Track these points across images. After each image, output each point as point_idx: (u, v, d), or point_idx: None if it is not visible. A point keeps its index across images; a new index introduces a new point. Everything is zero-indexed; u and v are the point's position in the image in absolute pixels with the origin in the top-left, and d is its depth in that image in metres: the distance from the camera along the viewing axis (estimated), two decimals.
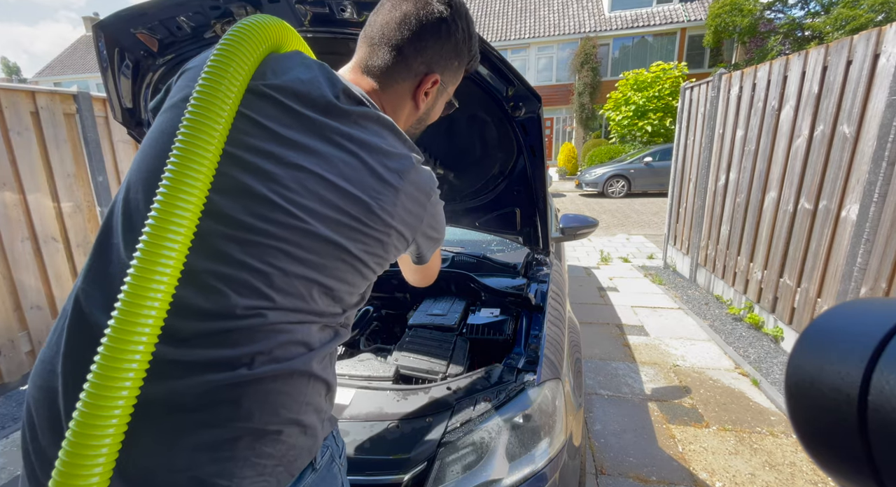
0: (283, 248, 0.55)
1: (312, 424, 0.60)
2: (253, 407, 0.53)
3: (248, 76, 0.56)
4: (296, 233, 0.56)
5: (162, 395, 0.50)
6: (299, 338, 0.57)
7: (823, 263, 2.55)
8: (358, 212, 0.59)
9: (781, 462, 1.91)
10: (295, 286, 0.56)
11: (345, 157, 0.59)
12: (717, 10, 13.92)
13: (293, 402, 0.57)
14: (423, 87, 0.72)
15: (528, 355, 1.17)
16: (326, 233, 0.57)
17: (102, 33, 1.07)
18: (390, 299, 1.81)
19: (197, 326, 0.52)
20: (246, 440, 0.53)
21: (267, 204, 0.55)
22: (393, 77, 0.70)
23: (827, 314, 0.28)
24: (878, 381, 0.21)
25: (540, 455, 0.97)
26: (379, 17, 0.69)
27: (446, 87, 0.78)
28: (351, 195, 0.59)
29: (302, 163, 0.57)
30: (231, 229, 0.53)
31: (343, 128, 0.60)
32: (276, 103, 0.58)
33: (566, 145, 16.76)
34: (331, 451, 0.67)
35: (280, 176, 0.56)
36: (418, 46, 0.68)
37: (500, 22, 18.62)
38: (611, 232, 6.99)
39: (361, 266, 0.62)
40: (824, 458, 0.25)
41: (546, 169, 1.66)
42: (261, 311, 0.54)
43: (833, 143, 2.50)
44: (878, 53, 2.20)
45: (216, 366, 0.52)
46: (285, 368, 0.55)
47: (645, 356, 2.86)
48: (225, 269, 0.53)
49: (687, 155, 4.48)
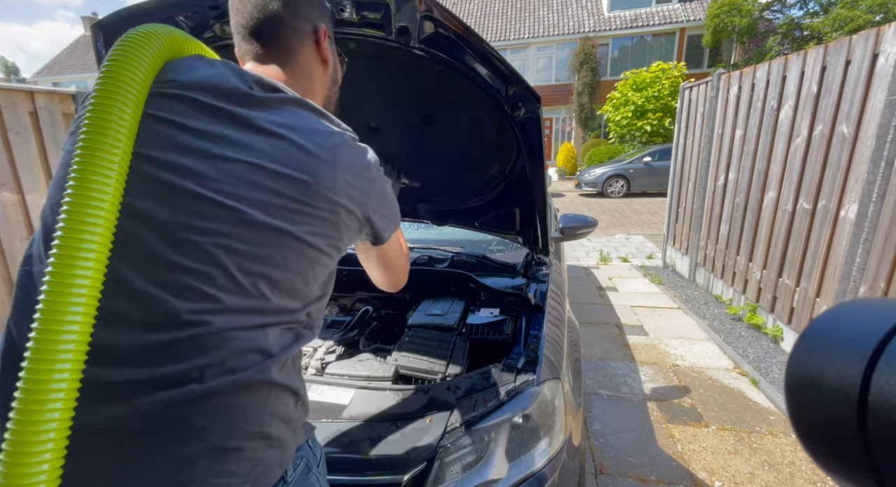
0: (222, 243, 0.52)
1: (280, 436, 0.57)
2: (208, 425, 0.50)
3: (143, 77, 0.53)
4: (233, 225, 0.53)
5: (107, 420, 0.47)
6: (255, 345, 0.54)
7: (822, 263, 2.56)
8: (297, 192, 0.56)
9: (781, 461, 1.91)
10: (241, 282, 0.53)
11: (272, 141, 0.57)
12: (716, 11, 13.93)
13: (254, 415, 0.54)
14: (321, 40, 0.72)
15: (528, 355, 1.17)
16: (266, 220, 0.54)
17: (101, 33, 1.07)
18: (390, 299, 1.81)
19: (138, 340, 0.49)
20: (204, 461, 0.50)
21: (195, 199, 0.52)
22: (291, 49, 0.69)
23: (827, 314, 0.28)
24: (878, 381, 0.21)
25: (539, 454, 0.97)
26: (244, 7, 0.67)
27: (331, 36, 0.78)
28: (286, 176, 0.56)
29: (227, 154, 0.54)
30: (161, 231, 0.50)
31: (264, 115, 0.58)
32: (187, 101, 0.56)
33: (565, 145, 16.77)
34: (306, 461, 0.64)
35: (204, 169, 0.53)
36: (291, 8, 0.68)
37: (499, 22, 18.62)
38: (610, 231, 7.00)
39: (312, 250, 0.59)
40: (824, 458, 0.25)
41: (545, 169, 1.66)
42: (207, 317, 0.50)
43: (832, 143, 2.50)
44: (877, 53, 2.20)
45: (163, 384, 0.48)
46: (241, 379, 0.52)
47: (644, 356, 2.86)
48: (161, 274, 0.50)
49: (686, 155, 4.49)
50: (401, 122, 1.55)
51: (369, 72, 1.34)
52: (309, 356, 1.35)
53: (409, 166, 1.68)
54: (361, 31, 1.12)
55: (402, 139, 1.61)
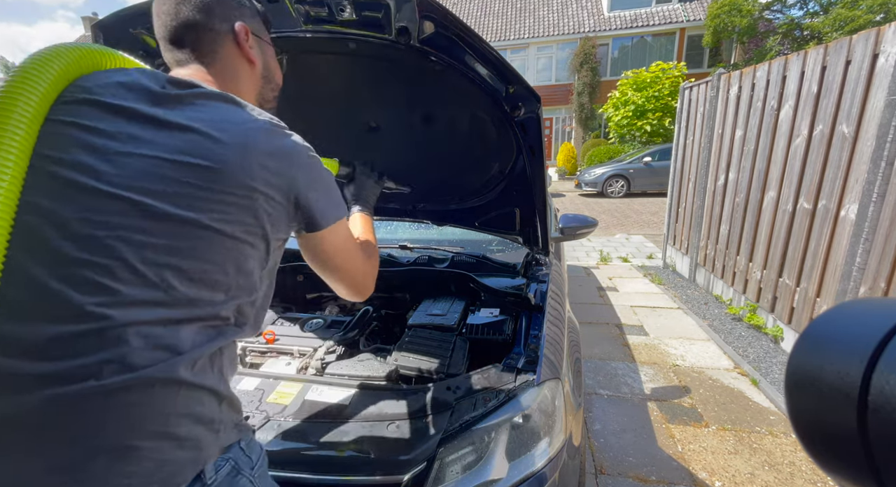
0: (123, 236, 0.53)
1: (194, 436, 0.56)
2: (108, 422, 0.50)
3: (43, 89, 0.55)
4: (134, 218, 0.53)
5: (8, 413, 0.48)
6: (161, 341, 0.53)
7: (822, 263, 2.56)
8: (203, 180, 0.56)
9: (781, 461, 1.91)
10: (144, 274, 0.53)
11: (178, 134, 0.57)
12: (716, 11, 13.93)
13: (157, 415, 0.53)
14: (241, 40, 0.73)
15: (528, 355, 1.16)
16: (170, 210, 0.55)
17: (101, 33, 1.07)
18: (390, 299, 1.81)
19: (41, 333, 0.49)
20: (101, 459, 0.49)
21: (95, 194, 0.53)
22: (210, 51, 0.70)
23: (827, 314, 0.28)
24: (878, 381, 0.21)
25: (539, 455, 0.97)
26: (160, 18, 0.70)
27: (261, 37, 0.79)
28: (190, 164, 0.56)
29: (130, 150, 0.56)
30: (63, 228, 0.52)
31: (175, 111, 0.59)
32: (95, 104, 0.58)
33: (565, 145, 16.77)
34: (234, 463, 0.62)
35: (105, 166, 0.54)
36: (204, 11, 0.69)
37: (499, 22, 18.61)
38: (610, 232, 6.99)
39: (226, 239, 0.58)
40: (824, 458, 0.25)
41: (545, 169, 1.66)
42: (108, 310, 0.51)
43: (832, 143, 2.50)
44: (877, 53, 2.20)
45: (62, 379, 0.48)
46: (141, 377, 0.51)
47: (644, 356, 2.86)
48: (64, 269, 0.51)
49: (686, 155, 4.49)
50: (401, 122, 1.55)
51: (369, 72, 1.34)
52: (309, 356, 1.35)
53: (409, 166, 1.68)
54: (361, 31, 1.12)
55: (402, 139, 1.61)
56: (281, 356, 1.38)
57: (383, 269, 1.76)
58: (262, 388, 1.12)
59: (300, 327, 1.50)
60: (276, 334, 1.44)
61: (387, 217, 1.95)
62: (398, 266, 1.80)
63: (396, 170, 1.43)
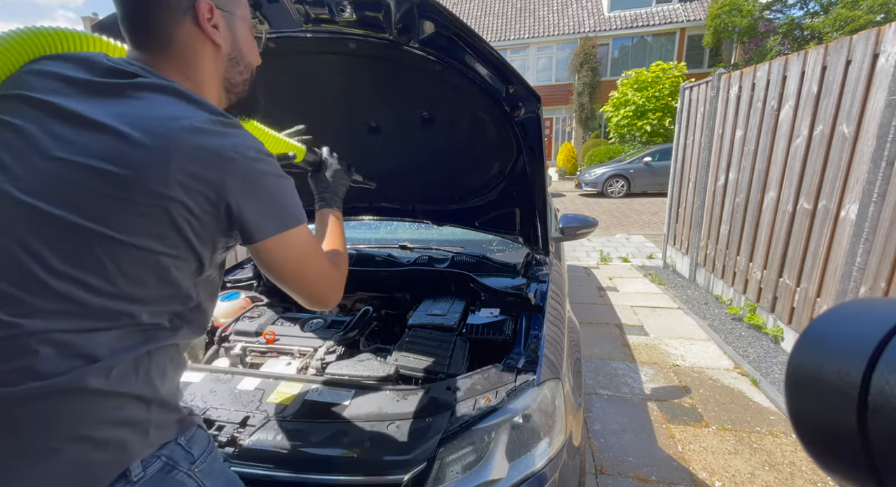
0: (31, 247, 0.51)
1: (116, 439, 0.55)
2: (25, 426, 0.51)
3: None
4: (43, 228, 0.51)
5: None
6: (76, 350, 0.52)
7: (823, 263, 2.55)
8: (115, 188, 0.52)
9: (781, 461, 1.91)
10: (52, 287, 0.51)
11: (96, 135, 0.54)
12: (717, 11, 13.92)
13: (72, 421, 0.52)
14: (202, 18, 0.64)
15: (528, 355, 1.16)
16: (78, 221, 0.52)
17: (102, 33, 1.06)
18: (390, 299, 1.81)
19: None
20: (20, 459, 0.51)
21: (7, 201, 0.52)
22: (165, 33, 0.63)
23: (827, 314, 0.28)
24: (878, 381, 0.21)
25: (539, 455, 0.97)
26: (117, 2, 0.65)
27: (233, 11, 0.70)
28: (103, 172, 0.52)
29: (48, 152, 0.53)
30: None
31: (101, 106, 0.55)
32: (22, 99, 0.55)
33: (565, 145, 16.77)
34: (167, 459, 0.61)
35: (16, 167, 0.52)
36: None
37: (499, 22, 18.61)
38: (610, 232, 6.99)
39: (139, 252, 0.54)
40: (824, 458, 0.25)
41: (545, 169, 1.66)
42: (19, 320, 0.50)
43: (832, 143, 2.50)
44: (878, 53, 2.20)
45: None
46: (49, 386, 0.50)
47: (644, 356, 2.86)
48: None
49: (686, 155, 4.49)
50: (401, 122, 1.55)
51: (369, 72, 1.34)
52: (309, 356, 1.35)
53: (409, 166, 1.68)
54: (362, 31, 1.12)
55: (402, 139, 1.61)
56: (281, 356, 1.38)
57: (383, 269, 1.76)
58: (262, 388, 1.12)
59: (300, 327, 1.50)
60: (277, 334, 1.44)
61: (387, 217, 1.95)
62: (398, 266, 1.80)
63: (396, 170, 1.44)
